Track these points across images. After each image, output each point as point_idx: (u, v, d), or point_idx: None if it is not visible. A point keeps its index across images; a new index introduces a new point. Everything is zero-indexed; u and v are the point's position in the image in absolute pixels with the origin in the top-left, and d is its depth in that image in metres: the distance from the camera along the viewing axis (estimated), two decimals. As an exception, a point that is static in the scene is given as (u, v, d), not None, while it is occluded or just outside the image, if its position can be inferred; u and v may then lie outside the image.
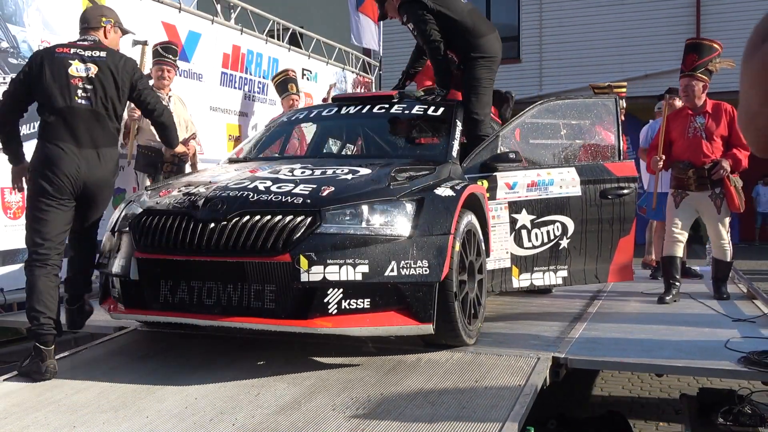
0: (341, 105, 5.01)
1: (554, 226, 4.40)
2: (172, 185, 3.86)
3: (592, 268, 4.62)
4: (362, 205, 3.29)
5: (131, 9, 6.20)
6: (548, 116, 4.67)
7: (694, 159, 5.21)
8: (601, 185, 4.55)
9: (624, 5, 15.04)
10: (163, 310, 3.39)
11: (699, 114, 5.32)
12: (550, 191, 4.37)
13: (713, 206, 5.25)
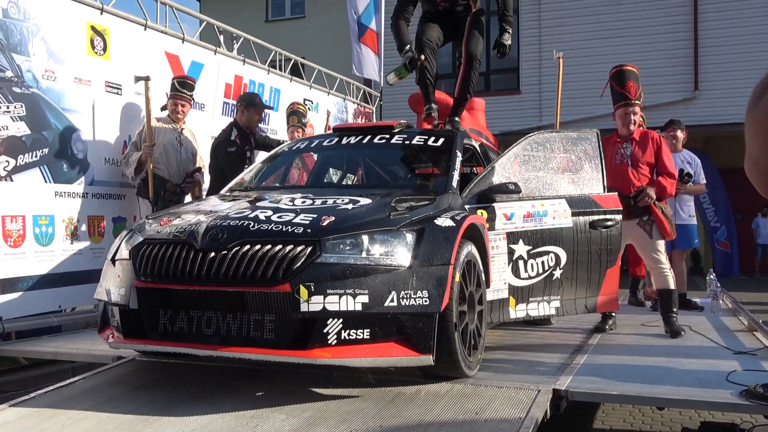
0: (342, 135, 5.03)
1: (548, 257, 4.42)
2: (173, 214, 3.86)
3: (583, 298, 4.66)
4: (362, 235, 3.29)
5: (135, 39, 6.27)
6: (537, 148, 4.71)
7: (620, 187, 5.11)
8: (589, 217, 4.61)
9: (622, 38, 15.19)
10: (162, 340, 3.38)
11: (626, 142, 5.37)
12: (544, 222, 4.40)
13: (643, 232, 5.21)
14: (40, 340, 5.11)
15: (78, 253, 5.58)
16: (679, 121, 7.40)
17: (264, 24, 18.66)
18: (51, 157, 5.37)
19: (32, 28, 5.28)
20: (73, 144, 5.59)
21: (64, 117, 5.53)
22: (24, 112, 5.14)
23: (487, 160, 5.03)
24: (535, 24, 15.92)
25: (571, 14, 15.21)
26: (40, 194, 5.28)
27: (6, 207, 4.98)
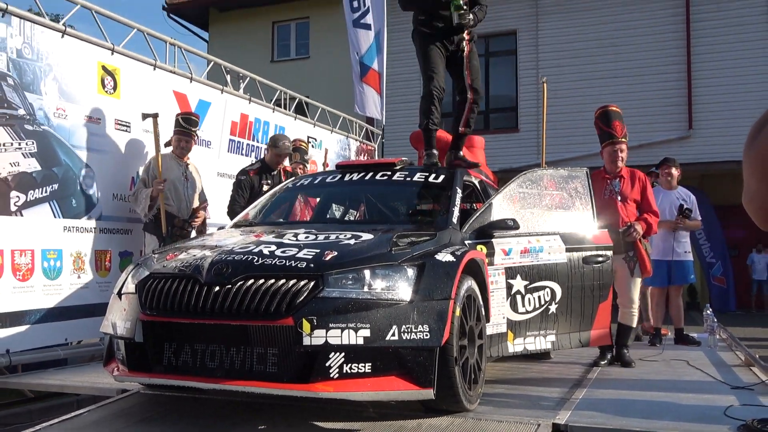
0: (345, 172, 5.06)
1: (545, 292, 4.43)
2: (178, 249, 3.87)
3: (577, 332, 4.68)
4: (364, 270, 3.29)
5: (145, 78, 6.35)
6: (531, 186, 4.76)
7: (609, 220, 5.22)
8: (582, 252, 4.67)
9: (617, 78, 15.34)
10: (167, 373, 3.36)
11: (615, 178, 5.45)
12: (540, 258, 4.43)
13: (627, 268, 5.33)
14: (46, 372, 5.08)
15: (85, 287, 5.58)
16: (673, 159, 7.44)
17: (269, 64, 18.88)
18: (61, 192, 5.40)
19: (45, 67, 5.35)
20: (82, 180, 5.63)
21: (74, 154, 5.57)
22: (35, 149, 5.19)
23: (486, 197, 5.05)
24: (533, 65, 16.10)
25: (567, 56, 15.39)
26: (50, 229, 5.30)
27: (16, 241, 5.00)
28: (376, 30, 9.00)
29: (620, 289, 5.41)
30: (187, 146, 6.10)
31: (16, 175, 5.01)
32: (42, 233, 5.22)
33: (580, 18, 15.81)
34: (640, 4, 15.71)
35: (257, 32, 19.44)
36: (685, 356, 5.76)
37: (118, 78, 6.07)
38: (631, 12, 15.71)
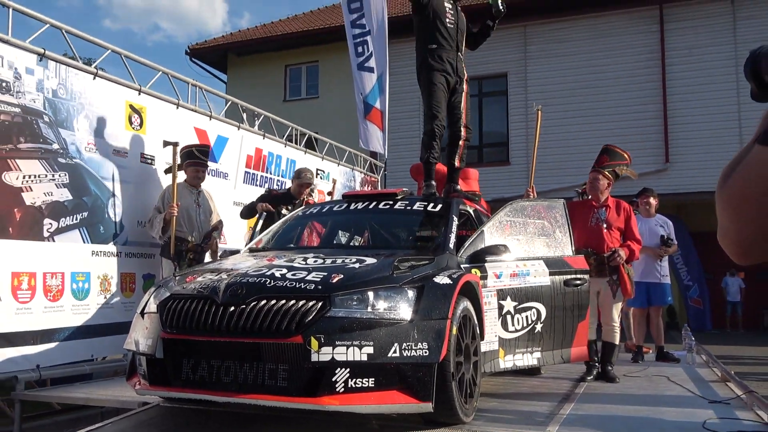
0: (350, 201, 5.07)
1: (531, 312, 4.43)
2: (197, 272, 3.87)
3: (559, 349, 4.67)
4: (368, 291, 3.28)
5: (168, 116, 6.39)
6: (517, 215, 4.79)
7: (595, 246, 5.29)
8: (563, 276, 4.69)
9: (599, 116, 15.42)
10: (185, 387, 3.33)
11: (601, 207, 5.47)
12: (527, 281, 4.45)
13: (610, 291, 5.33)
14: (72, 386, 5.05)
15: (110, 307, 5.56)
16: (651, 189, 7.45)
17: (282, 103, 19.01)
18: (90, 220, 5.41)
19: (77, 106, 5.40)
20: (109, 208, 5.64)
21: (103, 184, 5.59)
22: (67, 180, 5.21)
23: (480, 224, 5.05)
24: (522, 104, 16.20)
25: (553, 96, 15.46)
26: (79, 253, 5.30)
27: (48, 264, 5.00)
28: (378, 73, 9.07)
29: (604, 309, 5.40)
30: (201, 175, 6.10)
31: (50, 203, 5.03)
32: (72, 257, 5.22)
33: (564, 62, 15.95)
34: (619, 48, 15.85)
35: (271, 74, 19.61)
36: (666, 372, 5.71)
37: (144, 115, 6.12)
38: (611, 56, 15.84)
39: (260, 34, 19.88)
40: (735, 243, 0.78)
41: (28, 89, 4.96)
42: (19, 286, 4.75)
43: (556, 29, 16.44)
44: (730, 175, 0.77)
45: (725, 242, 0.80)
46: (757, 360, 10.74)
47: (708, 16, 15.46)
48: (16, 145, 4.82)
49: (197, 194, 6.07)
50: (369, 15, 8.86)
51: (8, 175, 4.73)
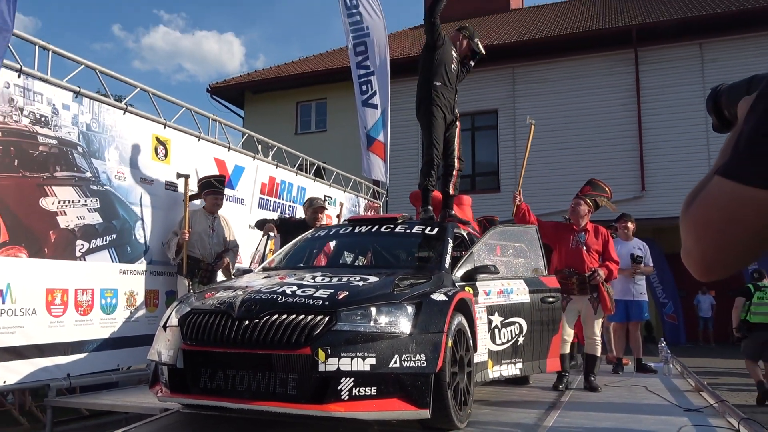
0: (355, 225, 5.08)
1: (515, 326, 4.43)
2: (215, 289, 3.86)
3: (537, 360, 4.67)
4: (371, 307, 3.27)
5: (191, 147, 6.43)
6: (499, 238, 4.83)
7: (576, 266, 5.31)
8: (540, 294, 4.75)
9: (580, 148, 15.50)
10: (202, 395, 3.31)
11: (581, 231, 5.49)
12: (511, 298, 4.47)
13: (591, 308, 5.34)
14: (100, 393, 5.02)
15: (136, 321, 5.54)
16: (629, 215, 7.45)
17: (294, 136, 19.10)
18: (118, 241, 5.42)
19: (108, 138, 5.43)
20: (136, 231, 5.65)
21: (131, 209, 5.61)
22: (98, 205, 5.23)
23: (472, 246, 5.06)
24: (510, 137, 16.29)
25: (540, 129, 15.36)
26: (108, 271, 5.30)
27: (79, 282, 4.99)
28: (381, 109, 9.14)
29: (586, 324, 5.39)
30: (219, 203, 6.10)
31: (82, 226, 5.04)
32: (101, 275, 5.22)
33: (549, 99, 16.06)
34: (599, 87, 15.97)
35: (283, 110, 19.75)
36: (644, 383, 5.65)
37: (169, 147, 6.15)
38: (591, 94, 15.96)
39: (274, 74, 20.07)
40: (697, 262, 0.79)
41: (65, 123, 5.00)
42: (52, 302, 4.74)
43: (541, 70, 16.60)
44: (692, 202, 0.78)
45: (688, 261, 0.81)
46: (728, 371, 10.63)
47: (678, 58, 15.61)
48: (53, 174, 4.85)
49: (213, 220, 6.07)
50: (372, 57, 8.96)
51: (45, 200, 4.75)
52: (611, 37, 16.10)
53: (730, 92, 0.97)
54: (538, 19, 19.47)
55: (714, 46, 15.43)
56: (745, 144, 0.71)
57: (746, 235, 0.72)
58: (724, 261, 0.76)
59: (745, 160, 0.71)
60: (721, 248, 0.75)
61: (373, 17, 8.96)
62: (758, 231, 0.71)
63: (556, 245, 5.47)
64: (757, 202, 0.69)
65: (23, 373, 4.47)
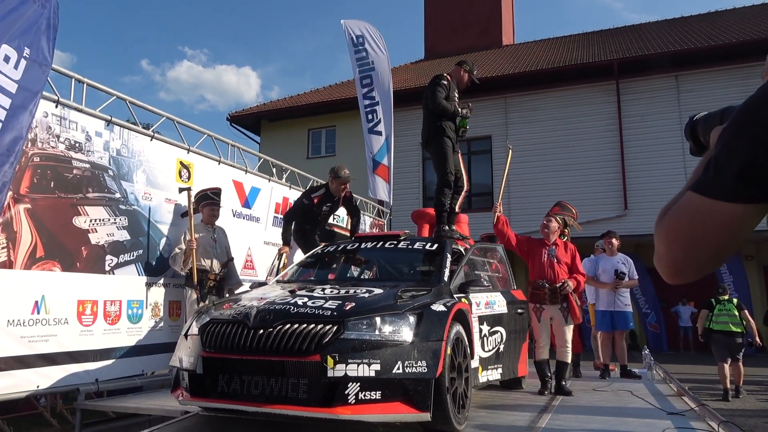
0: (361, 241, 5.07)
1: (498, 335, 4.41)
2: (233, 300, 3.85)
3: (511, 365, 4.62)
4: (376, 317, 3.25)
5: (211, 170, 6.45)
6: (479, 255, 4.83)
7: (548, 277, 5.31)
8: (514, 305, 4.78)
9: (567, 171, 15.52)
10: (220, 398, 3.28)
11: (551, 246, 5.48)
12: (495, 309, 4.44)
13: (562, 317, 5.30)
14: (125, 397, 4.98)
15: (159, 329, 5.52)
16: (614, 231, 7.41)
17: (305, 160, 19.17)
18: (144, 256, 5.42)
19: (137, 162, 5.46)
20: (161, 247, 5.64)
21: (156, 227, 5.61)
22: (126, 224, 5.23)
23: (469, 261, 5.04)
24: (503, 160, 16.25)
25: (530, 153, 15.56)
26: (134, 284, 5.28)
27: (108, 294, 4.98)
28: (386, 135, 9.17)
29: (557, 333, 5.33)
30: (216, 214, 5.90)
31: (111, 243, 5.04)
32: (128, 287, 5.21)
33: (538, 126, 16.12)
34: (584, 115, 16.02)
35: (296, 136, 19.85)
36: (629, 387, 5.58)
37: (191, 170, 6.17)
38: (577, 122, 16.01)
39: (288, 104, 20.22)
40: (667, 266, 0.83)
41: (97, 149, 5.03)
42: (83, 312, 4.73)
43: (531, 100, 16.68)
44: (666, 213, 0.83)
45: (659, 265, 0.84)
46: (707, 377, 10.49)
47: (657, 89, 15.67)
48: (86, 194, 4.86)
49: (213, 231, 5.89)
50: (377, 88, 9.02)
51: (78, 219, 4.76)
52: (595, 70, 16.19)
53: (706, 121, 1.02)
54: (528, 53, 19.61)
55: (689, 78, 15.49)
56: (714, 166, 0.77)
57: (711, 243, 0.77)
58: (692, 265, 0.81)
59: (713, 178, 0.76)
60: (689, 254, 0.79)
61: (377, 53, 9.04)
62: (721, 239, 0.77)
63: (529, 258, 5.47)
64: (721, 213, 0.75)
65: (55, 378, 4.45)
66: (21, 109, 3.48)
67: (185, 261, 5.61)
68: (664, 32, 18.34)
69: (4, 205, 3.85)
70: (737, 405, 7.56)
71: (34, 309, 4.33)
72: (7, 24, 3.45)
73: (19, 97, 3.48)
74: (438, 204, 5.60)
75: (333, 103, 18.87)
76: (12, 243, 4.19)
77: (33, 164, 4.44)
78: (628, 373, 6.71)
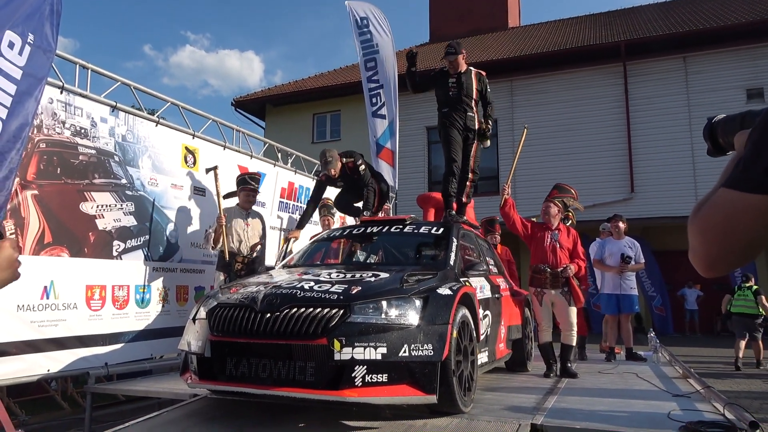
0: (367, 225, 5.06)
1: (488, 318, 4.39)
2: (240, 284, 3.86)
3: (493, 348, 4.59)
4: (382, 301, 3.25)
5: (218, 155, 6.45)
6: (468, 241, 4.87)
7: (550, 261, 5.32)
8: (495, 291, 4.75)
9: (574, 154, 15.42)
10: (228, 381, 3.31)
11: (554, 231, 5.48)
12: (485, 293, 4.43)
13: (564, 300, 5.32)
14: (134, 380, 5.03)
15: (167, 314, 5.56)
16: (621, 215, 7.39)
17: (310, 144, 19.13)
18: (151, 241, 5.44)
19: (142, 148, 5.46)
20: (167, 232, 5.67)
21: (163, 212, 5.63)
22: (133, 209, 5.25)
23: (475, 246, 5.04)
24: (509, 145, 16.22)
25: (537, 137, 15.45)
26: (142, 269, 5.32)
27: (116, 279, 5.02)
28: (389, 119, 9.11)
29: (560, 316, 5.35)
30: (253, 199, 5.99)
31: (118, 228, 5.07)
32: (136, 272, 5.24)
33: (545, 109, 16.00)
34: (591, 98, 15.89)
35: (301, 121, 19.80)
36: (635, 370, 5.60)
37: (197, 155, 6.18)
38: (584, 104, 15.88)
39: (292, 88, 20.13)
40: (702, 260, 0.86)
41: (102, 135, 5.04)
42: (91, 297, 4.77)
43: (537, 83, 16.53)
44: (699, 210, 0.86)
45: (695, 259, 0.88)
46: (712, 359, 10.52)
47: (664, 71, 15.49)
48: (92, 180, 4.88)
49: (247, 215, 5.98)
50: (382, 72, 8.95)
51: (85, 204, 4.78)
52: (602, 52, 16.01)
53: (726, 124, 1.07)
54: (534, 36, 19.40)
55: (696, 59, 15.30)
56: (744, 162, 0.82)
57: (745, 236, 0.81)
58: (726, 258, 0.84)
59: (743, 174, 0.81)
60: (723, 247, 0.83)
61: (382, 35, 8.96)
62: (754, 231, 0.80)
63: (532, 243, 5.47)
64: (753, 206, 0.79)
65: (65, 362, 4.50)
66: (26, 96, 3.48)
67: (216, 239, 5.62)
68: (672, 13, 18.08)
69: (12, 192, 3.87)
70: (743, 387, 7.59)
71: (43, 294, 4.37)
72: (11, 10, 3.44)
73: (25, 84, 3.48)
74: (443, 191, 5.67)
75: (338, 87, 18.77)
76: (20, 229, 4.22)
77: (39, 150, 4.45)
78: (634, 356, 6.72)
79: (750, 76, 14.69)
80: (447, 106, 5.68)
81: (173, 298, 5.67)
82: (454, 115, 5.64)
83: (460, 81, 5.73)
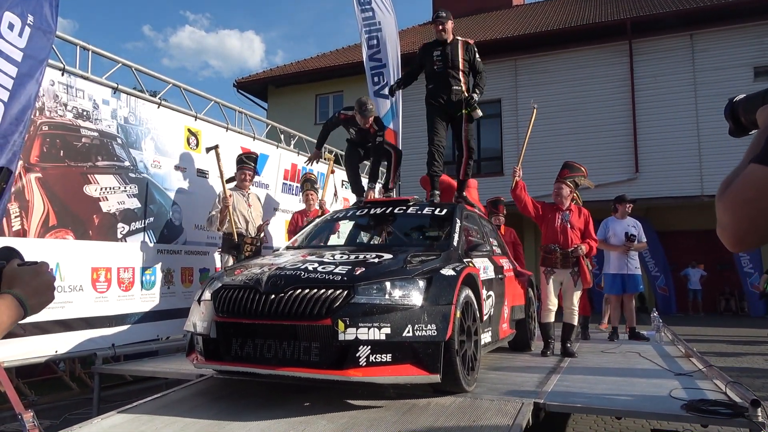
0: (370, 207, 5.06)
1: (491, 299, 4.40)
2: (244, 266, 3.88)
3: (497, 328, 4.60)
4: (386, 282, 3.27)
5: (220, 136, 6.44)
6: (471, 222, 4.84)
7: (561, 242, 5.30)
8: (498, 272, 4.74)
9: (579, 134, 15.32)
10: (234, 362, 3.34)
11: (565, 211, 5.46)
12: (488, 274, 4.43)
13: (572, 281, 5.33)
14: (141, 361, 5.09)
15: (173, 295, 5.60)
16: (625, 195, 7.36)
17: (313, 126, 19.03)
18: (155, 224, 5.46)
19: (145, 130, 5.45)
20: (171, 214, 5.69)
21: (166, 195, 5.64)
22: (137, 191, 5.26)
23: (479, 227, 5.03)
24: (513, 125, 16.14)
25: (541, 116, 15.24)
26: (147, 251, 5.35)
27: (121, 261, 5.05)
28: (392, 99, 9.06)
29: (566, 295, 5.37)
30: (248, 178, 5.96)
31: (122, 211, 5.08)
32: (141, 255, 5.27)
33: (549, 89, 15.84)
34: (595, 77, 15.73)
35: (304, 102, 19.69)
36: (638, 349, 5.63)
37: (199, 137, 6.16)
38: (588, 83, 15.73)
39: (295, 69, 20.00)
40: (732, 235, 0.87)
41: (104, 117, 5.02)
42: (97, 279, 4.81)
43: (542, 62, 16.36)
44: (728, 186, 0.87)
45: (723, 235, 0.88)
46: (715, 338, 10.56)
47: (670, 49, 15.31)
48: (95, 163, 4.88)
49: (247, 196, 5.96)
50: (384, 51, 8.86)
51: (88, 187, 4.79)
52: (607, 30, 15.81)
53: (747, 103, 1.07)
54: (539, 14, 19.15)
55: (703, 36, 15.10)
56: None
57: None
58: (756, 233, 0.85)
59: None
60: (754, 222, 0.84)
61: (384, 13, 8.86)
62: None
63: (543, 223, 5.46)
64: None
65: (72, 343, 4.55)
66: (28, 78, 3.47)
67: (221, 221, 5.60)
68: (680, -11, 17.80)
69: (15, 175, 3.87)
70: (745, 364, 7.63)
71: (49, 276, 4.38)
72: (10, -10, 3.40)
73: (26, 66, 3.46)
74: (428, 172, 5.77)
75: (340, 67, 18.63)
76: (25, 212, 4.23)
77: (42, 133, 4.44)
78: (637, 335, 6.75)
79: (757, 54, 14.50)
80: (432, 81, 5.66)
81: (178, 279, 5.70)
82: (438, 91, 5.61)
83: (445, 52, 5.67)
